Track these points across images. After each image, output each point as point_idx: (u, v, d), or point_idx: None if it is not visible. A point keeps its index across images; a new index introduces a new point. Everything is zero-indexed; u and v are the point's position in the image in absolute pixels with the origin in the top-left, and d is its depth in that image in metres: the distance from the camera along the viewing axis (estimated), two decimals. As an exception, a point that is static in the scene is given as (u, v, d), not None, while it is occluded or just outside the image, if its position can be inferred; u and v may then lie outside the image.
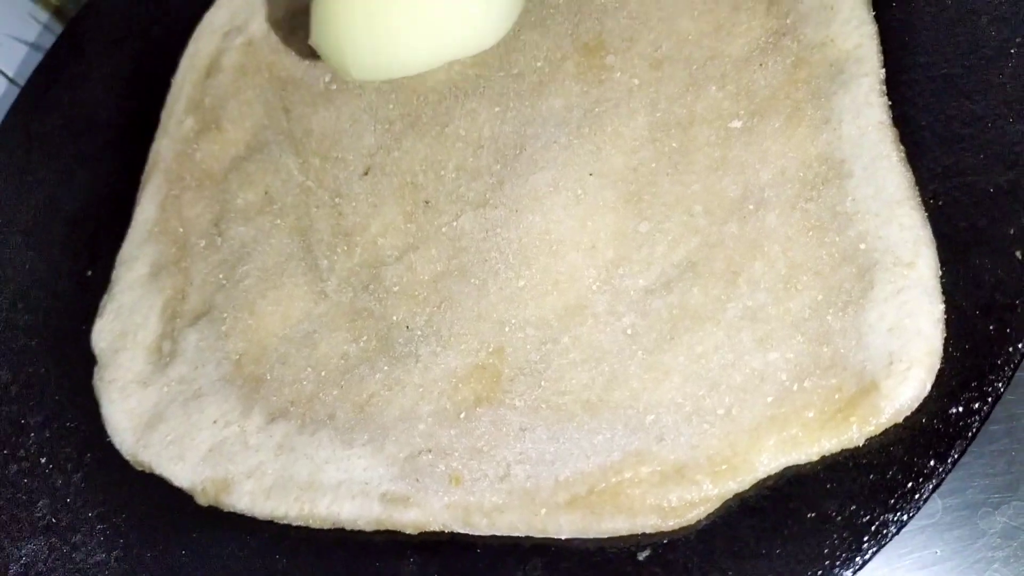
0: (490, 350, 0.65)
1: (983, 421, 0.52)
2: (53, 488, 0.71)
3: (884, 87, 0.62)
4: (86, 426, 0.73)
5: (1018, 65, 0.61)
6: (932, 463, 0.51)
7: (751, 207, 0.62)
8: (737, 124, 0.66)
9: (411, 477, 0.61)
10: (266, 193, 0.81)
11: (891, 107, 0.62)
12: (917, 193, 0.58)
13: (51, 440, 0.74)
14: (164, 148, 0.88)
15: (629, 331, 0.62)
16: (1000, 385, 0.52)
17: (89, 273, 0.82)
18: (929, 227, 0.56)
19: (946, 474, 0.51)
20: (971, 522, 0.61)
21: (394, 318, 0.69)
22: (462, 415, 0.63)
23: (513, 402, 0.62)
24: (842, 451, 0.53)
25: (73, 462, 0.73)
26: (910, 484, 0.51)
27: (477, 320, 0.66)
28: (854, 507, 0.51)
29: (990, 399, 0.52)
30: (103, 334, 0.77)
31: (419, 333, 0.67)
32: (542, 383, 0.62)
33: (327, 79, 0.86)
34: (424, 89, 0.81)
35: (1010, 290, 0.54)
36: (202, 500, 0.67)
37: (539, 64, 0.78)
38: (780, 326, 0.57)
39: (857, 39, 0.64)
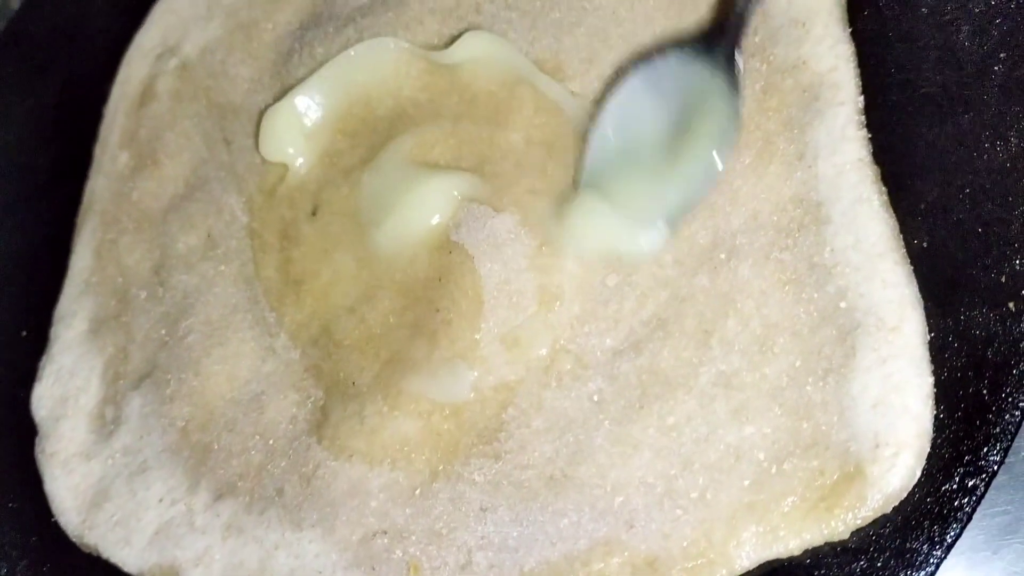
0: (445, 413, 0.60)
1: (980, 499, 0.47)
2: None
3: (862, 117, 0.57)
4: (30, 506, 0.69)
5: (1004, 82, 0.55)
6: (926, 548, 0.47)
7: (722, 256, 0.57)
8: (704, 159, 0.61)
9: (366, 565, 0.57)
10: (208, 236, 0.76)
11: (869, 138, 0.56)
12: (901, 243, 0.53)
13: None
14: (99, 187, 0.82)
15: (595, 397, 0.58)
16: (996, 458, 0.47)
17: (24, 333, 0.77)
18: (915, 283, 0.51)
19: (942, 559, 0.47)
20: (971, 568, 0.57)
21: (341, 375, 0.64)
22: (417, 491, 0.58)
23: (472, 476, 0.58)
24: (827, 540, 0.48)
25: (18, 548, 0.67)
26: (903, 574, 0.47)
27: (428, 379, 0.61)
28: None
29: (986, 475, 0.48)
30: (43, 400, 0.73)
31: (364, 390, 0.62)
32: (503, 455, 0.58)
33: (267, 105, 0.80)
34: (373, 118, 0.75)
35: (1004, 347, 0.49)
36: (152, 587, 0.63)
37: (493, 88, 0.72)
38: (756, 395, 0.52)
39: (832, 61, 0.59)
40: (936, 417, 0.50)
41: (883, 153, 0.57)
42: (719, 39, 0.59)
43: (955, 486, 0.48)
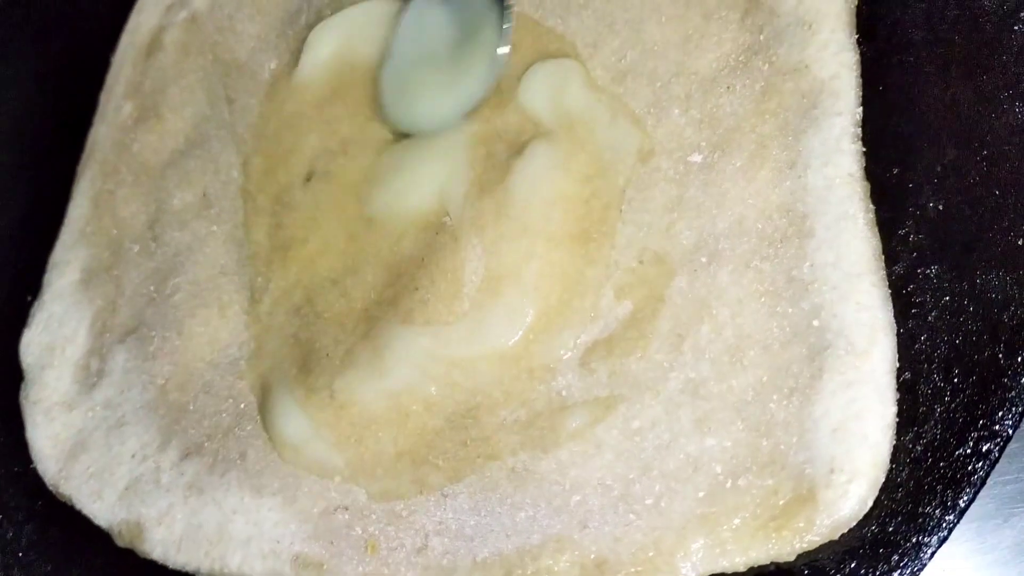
0: (413, 394, 0.60)
1: (994, 464, 0.46)
2: (4, 541, 0.66)
3: (859, 130, 0.55)
4: (36, 471, 0.69)
5: (1023, 43, 0.53)
6: (939, 513, 0.47)
7: (703, 259, 0.56)
8: (697, 158, 0.60)
9: (325, 539, 0.58)
10: (204, 195, 0.76)
11: (865, 154, 0.55)
12: (882, 266, 0.51)
13: None
14: (101, 136, 0.82)
15: (564, 392, 0.57)
16: (1010, 423, 0.46)
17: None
18: (890, 308, 0.50)
19: (955, 523, 0.46)
20: (980, 536, 0.57)
21: (317, 345, 0.65)
22: (380, 471, 0.59)
23: (436, 461, 0.58)
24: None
25: (24, 511, 0.68)
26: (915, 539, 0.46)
27: (401, 357, 0.61)
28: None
29: (1000, 439, 0.47)
30: (31, 347, 0.74)
31: (337, 363, 0.62)
32: (469, 442, 0.58)
33: (272, 65, 0.79)
34: (375, 85, 0.74)
35: (1020, 311, 0.48)
36: (119, 543, 0.64)
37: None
38: (721, 406, 0.52)
39: (835, 68, 0.57)
40: (950, 379, 0.49)
41: (898, 115, 0.56)
42: None
43: (969, 451, 0.47)
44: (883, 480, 0.47)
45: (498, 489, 0.55)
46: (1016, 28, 0.54)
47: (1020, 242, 0.50)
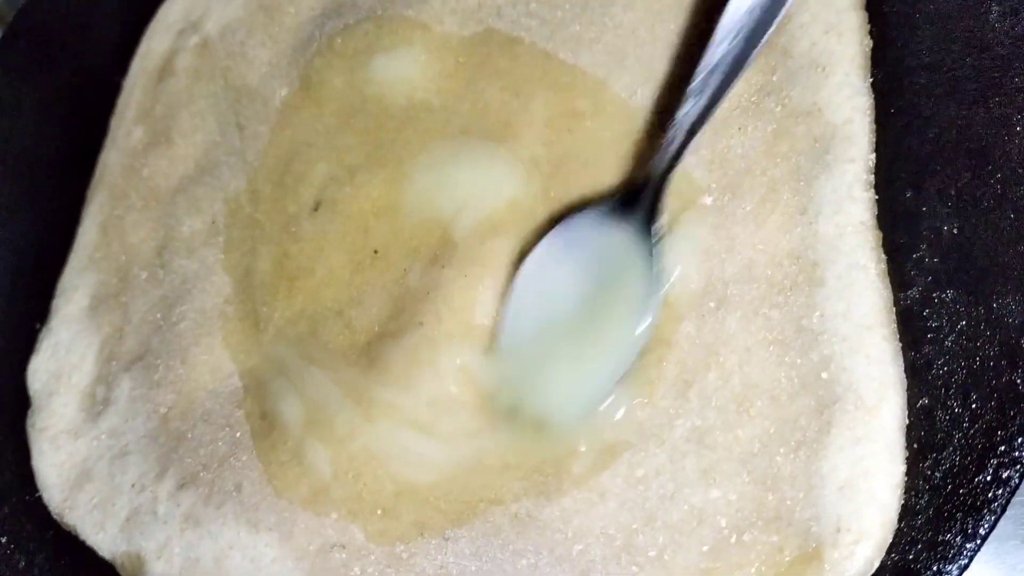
0: (416, 433, 0.60)
1: (1014, 491, 0.46)
2: (16, 570, 0.66)
3: (871, 177, 0.55)
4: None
5: None
6: (959, 540, 0.47)
7: (712, 304, 0.56)
8: (707, 200, 0.59)
9: (324, 580, 0.57)
10: (213, 223, 0.76)
11: (877, 202, 0.55)
12: (893, 318, 0.51)
13: (11, 517, 0.69)
14: (111, 160, 0.82)
15: (569, 436, 0.56)
16: None
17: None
18: (901, 363, 0.49)
19: (976, 551, 0.46)
20: (999, 556, 0.56)
21: (319, 378, 0.64)
22: (379, 510, 0.58)
23: (439, 503, 0.57)
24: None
25: (36, 541, 0.68)
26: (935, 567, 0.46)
27: (403, 394, 0.60)
28: None
29: (1020, 465, 0.46)
30: (38, 374, 0.74)
31: (340, 397, 0.62)
32: (472, 485, 0.57)
33: (283, 92, 0.79)
34: (384, 116, 0.74)
35: None
36: (123, 574, 0.64)
37: (507, 98, 0.70)
38: (727, 457, 0.51)
39: (848, 112, 0.56)
40: (967, 405, 0.48)
41: (911, 138, 0.56)
42: (634, 205, 0.57)
43: (989, 477, 0.47)
44: (891, 540, 0.46)
45: (500, 535, 0.55)
46: None
47: None
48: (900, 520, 0.49)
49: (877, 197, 0.54)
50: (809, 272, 0.54)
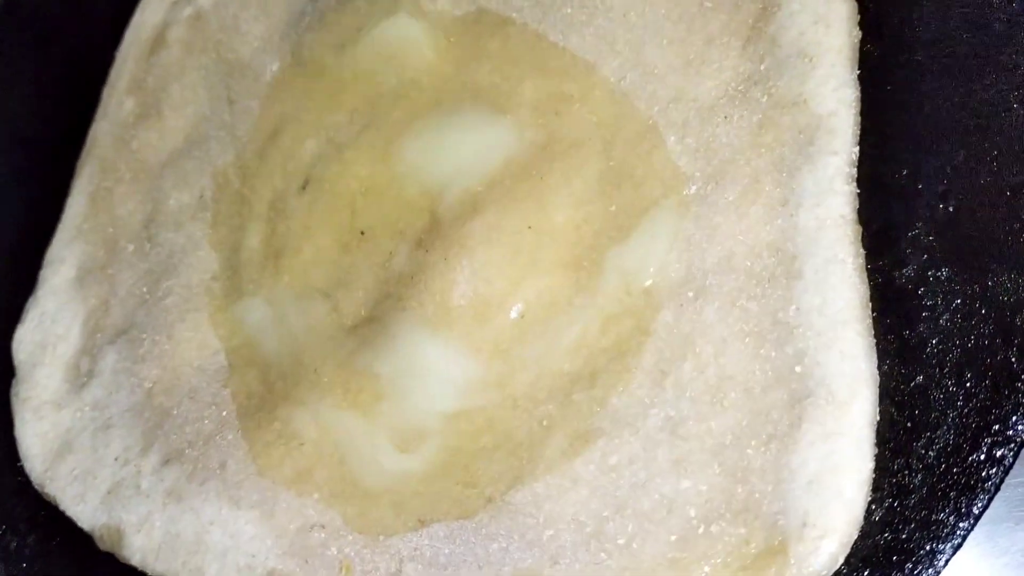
0: (395, 417, 0.60)
1: (1008, 470, 0.46)
2: (7, 552, 0.67)
3: (854, 171, 0.54)
4: None
5: None
6: (952, 519, 0.47)
7: (690, 294, 0.56)
8: (691, 189, 0.59)
9: (300, 556, 0.58)
10: (201, 196, 0.76)
11: (858, 194, 0.54)
12: (868, 313, 0.51)
13: (0, 499, 0.69)
14: (102, 132, 0.82)
15: (545, 422, 0.57)
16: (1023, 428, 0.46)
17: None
18: (874, 359, 0.49)
19: (969, 530, 0.46)
20: (992, 539, 0.56)
21: (306, 359, 0.64)
22: (362, 492, 0.58)
23: (416, 486, 0.58)
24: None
25: (26, 522, 0.68)
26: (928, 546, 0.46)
27: (386, 380, 0.61)
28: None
29: (1014, 444, 0.47)
30: (23, 344, 0.74)
31: (325, 380, 0.62)
32: (448, 468, 0.58)
33: (274, 67, 0.79)
34: (374, 94, 0.74)
35: None
36: (101, 547, 0.64)
37: (496, 80, 0.70)
38: (699, 448, 0.51)
39: (833, 104, 0.56)
40: (962, 383, 0.49)
41: (908, 115, 0.56)
42: None
43: (983, 456, 0.47)
44: (856, 536, 0.47)
45: (474, 518, 0.55)
46: None
47: None
48: (894, 500, 0.49)
49: (859, 190, 0.54)
50: (788, 265, 0.53)
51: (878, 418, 0.48)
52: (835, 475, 0.47)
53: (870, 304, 0.51)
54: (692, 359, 0.54)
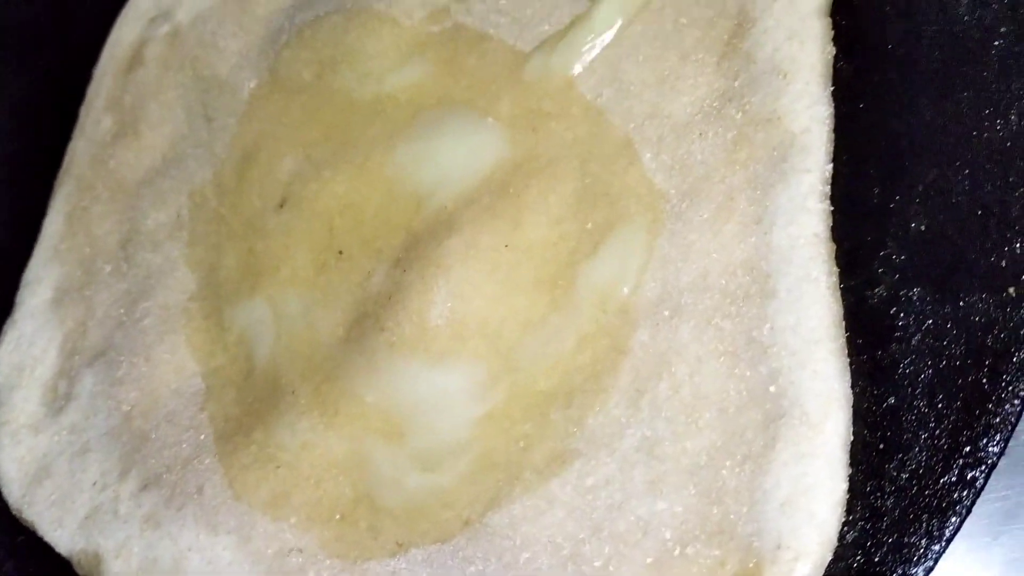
0: (376, 439, 0.60)
1: (979, 492, 0.47)
2: None
3: (827, 188, 0.54)
4: None
5: (1004, 58, 0.53)
6: (924, 542, 0.47)
7: (666, 313, 0.56)
8: (666, 206, 0.59)
9: (278, 583, 0.57)
10: (178, 216, 0.75)
11: (833, 213, 0.54)
12: (842, 333, 0.50)
13: None
14: (79, 150, 0.81)
15: (522, 443, 0.57)
16: (995, 449, 0.46)
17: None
18: (847, 379, 0.49)
19: (941, 553, 0.47)
20: (970, 554, 0.57)
21: (283, 381, 0.64)
22: (338, 516, 0.58)
23: (393, 509, 0.58)
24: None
25: (4, 549, 0.68)
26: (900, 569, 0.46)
27: (364, 401, 0.61)
28: None
29: (985, 466, 0.47)
30: (0, 367, 0.73)
31: (302, 402, 0.62)
32: (425, 491, 0.57)
33: (252, 84, 0.79)
34: (351, 111, 0.73)
35: (1004, 334, 0.48)
36: (80, 572, 0.64)
37: (474, 96, 0.69)
38: (675, 469, 0.51)
39: (806, 122, 0.56)
40: (934, 404, 0.49)
41: (880, 133, 0.56)
42: None
43: (954, 478, 0.47)
44: (830, 558, 0.46)
45: (451, 540, 0.55)
46: (996, 44, 0.54)
47: (1003, 263, 0.50)
48: (867, 522, 0.49)
49: (832, 208, 0.54)
50: (762, 283, 0.53)
51: (851, 439, 0.48)
52: (808, 497, 0.47)
53: (843, 323, 0.51)
54: (668, 378, 0.54)
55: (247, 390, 0.66)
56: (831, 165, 0.55)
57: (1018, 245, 0.50)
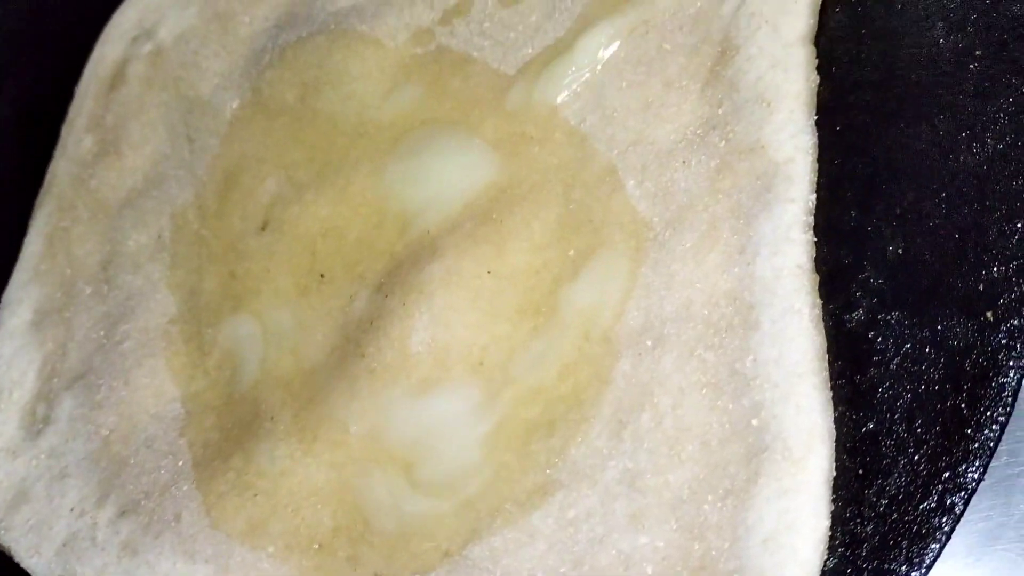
0: (356, 468, 0.59)
1: (959, 518, 0.46)
2: None
3: (811, 218, 0.54)
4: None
5: (980, 80, 0.53)
6: (904, 569, 0.47)
7: (648, 343, 0.55)
8: (649, 234, 0.58)
9: (256, 614, 0.57)
10: (159, 238, 0.75)
11: (816, 241, 0.54)
12: (825, 366, 0.50)
13: None
14: (60, 170, 0.81)
15: (503, 472, 0.56)
16: (975, 475, 0.46)
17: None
18: (830, 414, 0.49)
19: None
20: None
21: (262, 407, 0.63)
22: (316, 545, 0.58)
23: (373, 539, 0.57)
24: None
25: None
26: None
27: (345, 428, 0.60)
28: None
29: (965, 492, 0.47)
30: (-22, 389, 0.73)
31: (281, 428, 0.61)
32: (404, 521, 0.57)
33: (234, 105, 0.78)
34: (334, 133, 0.73)
35: (982, 359, 0.48)
36: (56, 600, 0.63)
37: (457, 119, 0.69)
38: (657, 502, 0.51)
39: (790, 151, 0.55)
40: (913, 431, 0.49)
41: (856, 156, 0.56)
42: None
43: (934, 504, 0.47)
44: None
45: (431, 573, 0.55)
46: (972, 67, 0.54)
47: (981, 287, 0.50)
48: (846, 548, 0.49)
49: (816, 238, 0.54)
50: (745, 314, 0.53)
51: (834, 474, 0.48)
52: (790, 533, 0.47)
53: (826, 356, 0.51)
54: (650, 409, 0.53)
55: (227, 415, 0.65)
56: (814, 195, 0.54)
57: (995, 269, 0.50)
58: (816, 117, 0.57)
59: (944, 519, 0.47)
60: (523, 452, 0.56)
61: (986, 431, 0.47)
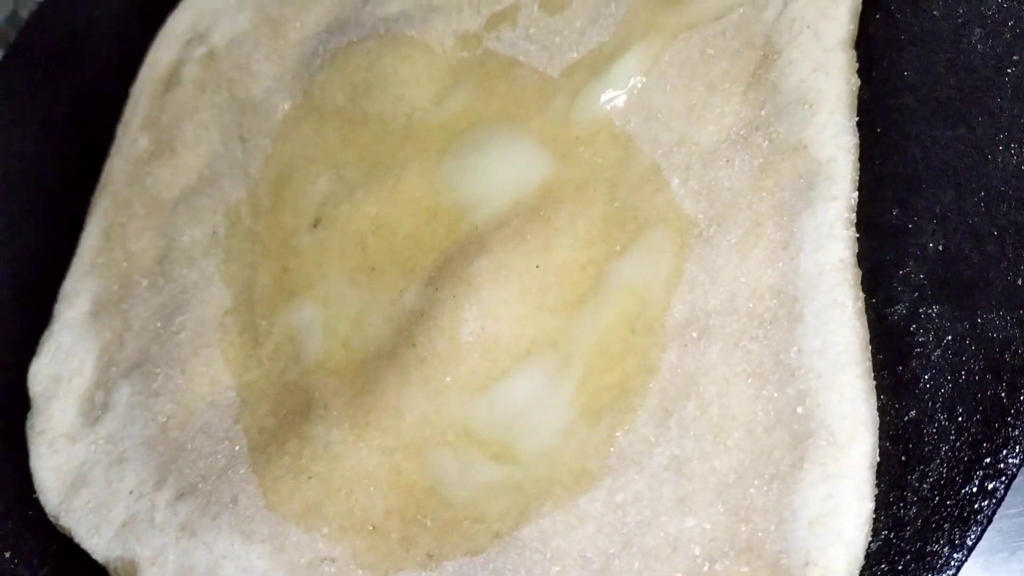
0: (407, 452, 0.61)
1: (1000, 502, 0.48)
2: None
3: (854, 215, 0.56)
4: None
5: (1018, 84, 0.55)
6: (947, 551, 0.48)
7: (694, 335, 0.57)
8: (694, 231, 0.60)
9: (312, 592, 0.59)
10: (214, 233, 0.77)
11: (857, 238, 0.56)
12: (868, 356, 0.52)
13: (14, 532, 0.70)
14: (116, 168, 0.84)
15: (551, 456, 0.58)
16: (1015, 461, 0.48)
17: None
18: (874, 401, 0.51)
19: (963, 561, 0.48)
20: (987, 569, 0.57)
21: (316, 394, 0.66)
22: (370, 527, 0.60)
23: (425, 520, 0.59)
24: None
25: (39, 555, 0.69)
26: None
27: (396, 414, 0.62)
28: None
29: (1005, 477, 0.48)
30: (39, 376, 0.75)
31: (334, 415, 0.64)
32: (456, 504, 0.59)
33: (286, 106, 0.81)
34: (384, 134, 0.75)
35: (1022, 350, 0.50)
36: (116, 579, 0.66)
37: (503, 121, 0.71)
38: (703, 487, 0.53)
39: (832, 151, 0.57)
40: (954, 418, 0.50)
41: (897, 157, 0.58)
42: None
43: (975, 489, 0.48)
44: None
45: (482, 553, 0.56)
46: (1009, 71, 0.56)
47: (1020, 282, 0.51)
48: (890, 531, 0.50)
49: (858, 235, 0.55)
50: (789, 307, 0.55)
51: (878, 460, 0.50)
52: (835, 517, 0.48)
53: (870, 347, 0.52)
54: (696, 399, 0.55)
55: (280, 403, 0.67)
56: (856, 193, 0.56)
57: (1033, 265, 0.51)
58: (858, 118, 0.58)
59: (985, 503, 0.48)
60: (569, 438, 0.58)
61: (1026, 417, 0.49)
